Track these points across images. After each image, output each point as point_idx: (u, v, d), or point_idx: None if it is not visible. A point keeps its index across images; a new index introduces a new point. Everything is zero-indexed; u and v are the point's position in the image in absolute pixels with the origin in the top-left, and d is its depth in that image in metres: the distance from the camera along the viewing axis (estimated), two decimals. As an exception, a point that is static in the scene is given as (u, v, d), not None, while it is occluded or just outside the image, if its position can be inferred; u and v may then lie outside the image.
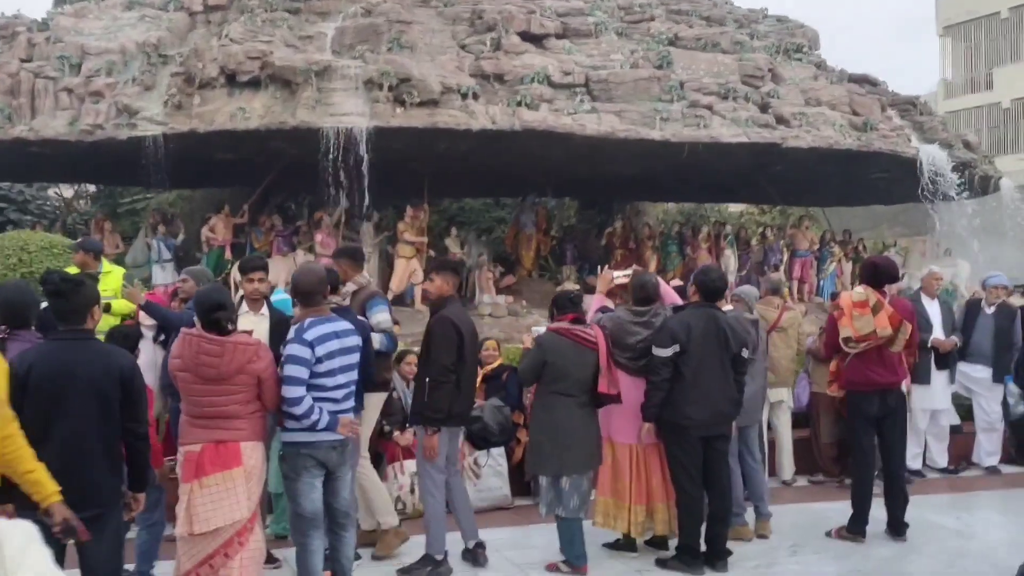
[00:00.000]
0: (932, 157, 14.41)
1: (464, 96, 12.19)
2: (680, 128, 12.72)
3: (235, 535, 4.47)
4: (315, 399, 4.60)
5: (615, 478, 5.83)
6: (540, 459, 5.59)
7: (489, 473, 7.26)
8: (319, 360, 4.62)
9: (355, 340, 4.83)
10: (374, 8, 13.31)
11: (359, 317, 5.48)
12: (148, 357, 6.02)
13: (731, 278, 16.31)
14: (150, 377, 5.48)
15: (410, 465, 7.02)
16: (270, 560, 5.47)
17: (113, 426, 3.91)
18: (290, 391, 4.53)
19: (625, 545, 6.05)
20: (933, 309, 8.24)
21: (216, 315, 4.51)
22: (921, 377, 7.96)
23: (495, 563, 5.82)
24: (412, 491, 6.96)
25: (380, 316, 5.71)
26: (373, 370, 5.33)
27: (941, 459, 8.59)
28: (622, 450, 5.82)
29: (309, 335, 4.62)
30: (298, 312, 4.87)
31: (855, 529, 6.38)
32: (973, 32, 33.27)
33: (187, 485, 4.44)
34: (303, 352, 4.57)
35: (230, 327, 4.54)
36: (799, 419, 8.11)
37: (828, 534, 6.48)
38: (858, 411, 6.48)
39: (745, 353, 5.71)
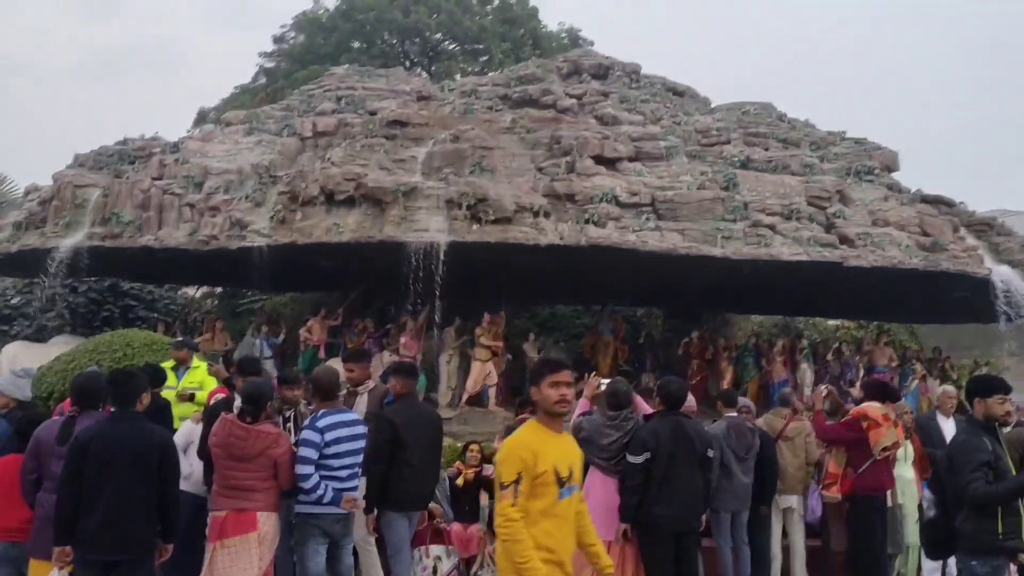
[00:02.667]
0: (1005, 277, 14.48)
1: (536, 214, 13.27)
2: (741, 246, 13.36)
3: (248, 590, 5.38)
4: (322, 477, 5.53)
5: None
6: None
7: (506, 561, 7.93)
8: (327, 444, 5.56)
9: (362, 429, 5.77)
10: (462, 135, 14.70)
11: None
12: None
13: (807, 391, 16.53)
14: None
15: (435, 549, 7.83)
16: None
17: (151, 488, 4.93)
18: (301, 469, 5.49)
19: None
20: (948, 426, 8.53)
21: (245, 407, 5.56)
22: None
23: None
24: (435, 572, 7.73)
25: None
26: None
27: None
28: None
29: (321, 423, 5.60)
30: (316, 404, 5.86)
31: None
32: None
33: (211, 544, 5.42)
34: (314, 437, 5.54)
35: (248, 420, 5.53)
36: (812, 529, 8.46)
37: None
38: (868, 512, 7.18)
39: (710, 453, 6.36)
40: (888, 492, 7.33)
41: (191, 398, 8.26)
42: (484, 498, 8.58)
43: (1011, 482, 5.18)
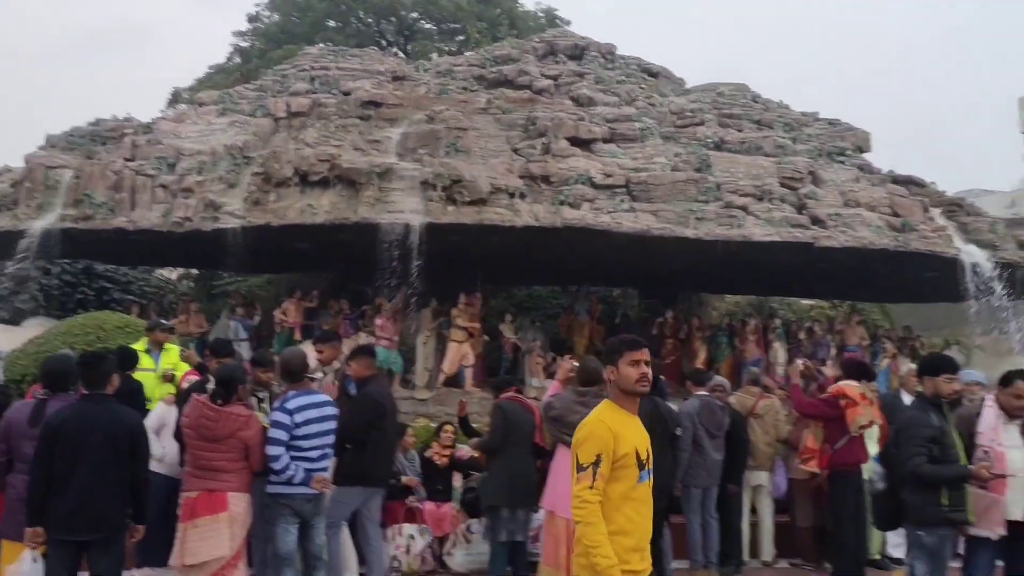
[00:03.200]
0: (974, 257, 14.69)
1: (511, 196, 13.33)
2: (713, 227, 13.49)
3: (220, 570, 5.46)
4: (293, 458, 5.59)
5: (556, 548, 6.39)
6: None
7: (479, 540, 8.04)
8: (297, 426, 5.62)
9: (331, 411, 5.82)
10: (436, 115, 14.70)
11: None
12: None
13: (779, 370, 16.72)
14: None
15: (408, 528, 7.92)
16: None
17: (122, 469, 4.96)
18: (271, 450, 5.54)
19: None
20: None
21: (216, 389, 5.60)
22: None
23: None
24: (408, 551, 7.82)
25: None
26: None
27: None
28: (561, 523, 6.30)
29: (290, 405, 5.65)
30: (285, 386, 5.90)
31: None
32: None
33: (183, 524, 5.47)
34: (284, 419, 5.59)
35: (219, 401, 5.58)
36: (778, 505, 8.63)
37: None
38: (845, 486, 7.46)
39: (679, 431, 6.48)
40: (863, 467, 7.51)
41: (171, 378, 8.29)
42: (457, 479, 8.68)
43: (951, 471, 5.37)
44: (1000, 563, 5.73)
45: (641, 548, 3.93)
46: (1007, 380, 5.83)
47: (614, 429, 3.91)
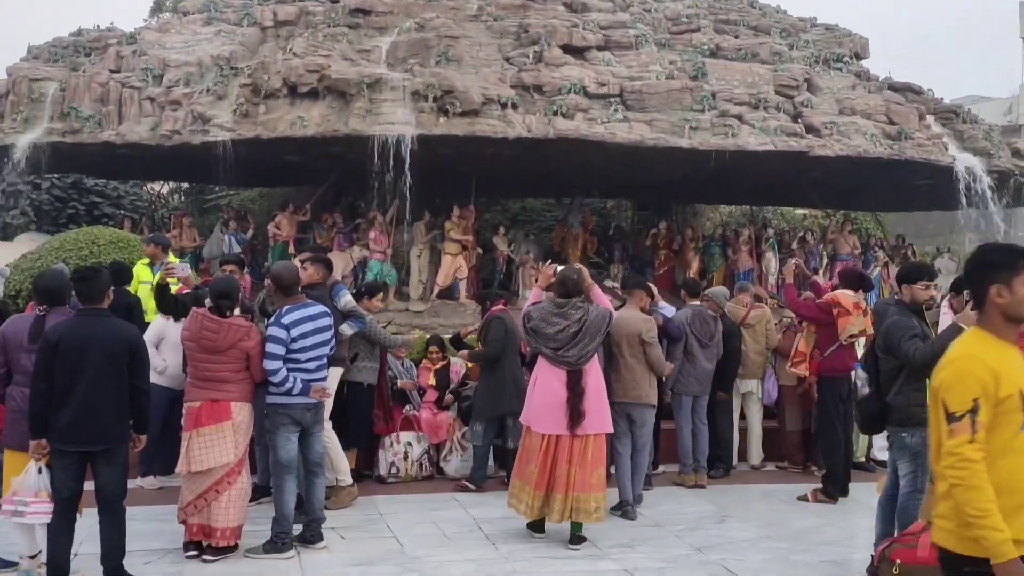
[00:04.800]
0: (968, 165, 14.66)
1: (503, 106, 13.14)
2: (708, 137, 13.38)
3: (224, 476, 5.61)
4: (291, 370, 5.68)
5: (527, 462, 6.35)
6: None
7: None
8: (294, 339, 5.69)
9: (327, 322, 5.90)
10: (427, 23, 14.38)
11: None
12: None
13: (772, 280, 16.86)
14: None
15: (405, 436, 8.10)
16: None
17: (122, 382, 5.03)
18: (269, 364, 5.64)
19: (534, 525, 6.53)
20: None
21: (219, 302, 5.66)
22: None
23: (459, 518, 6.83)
24: (405, 458, 8.01)
25: (345, 299, 6.77)
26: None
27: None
28: (536, 438, 6.28)
29: (286, 319, 5.71)
30: (279, 301, 5.95)
31: (830, 492, 7.48)
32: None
33: (187, 433, 5.60)
34: (280, 333, 5.67)
35: (228, 313, 5.65)
36: (767, 411, 8.83)
37: (803, 498, 7.51)
38: (833, 391, 7.71)
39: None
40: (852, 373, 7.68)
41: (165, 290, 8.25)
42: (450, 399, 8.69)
43: (944, 335, 5.51)
44: None
45: None
46: (959, 287, 6.17)
47: (992, 366, 3.10)
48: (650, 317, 7.32)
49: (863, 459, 8.81)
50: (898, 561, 5.01)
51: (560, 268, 6.60)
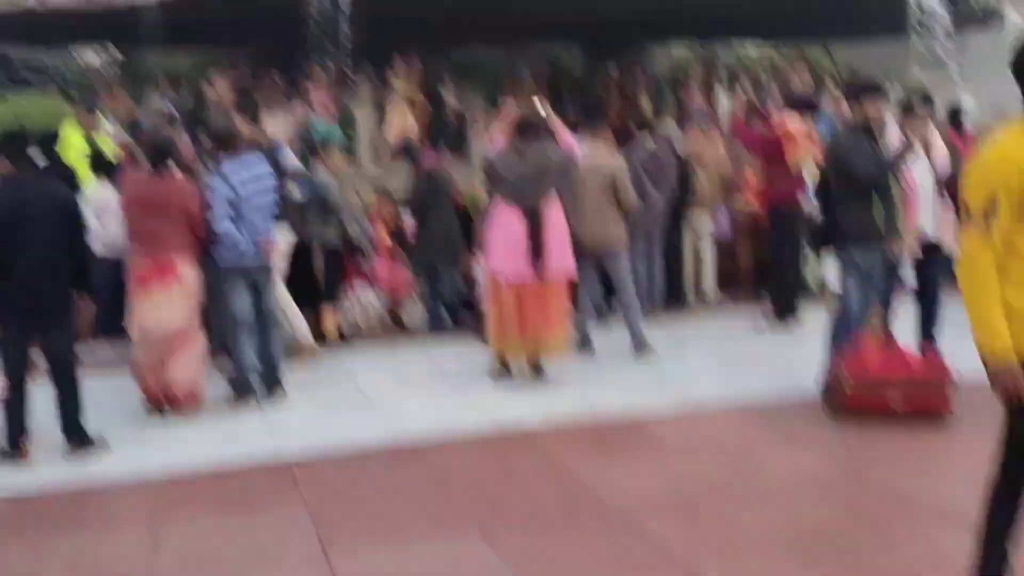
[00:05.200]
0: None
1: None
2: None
3: (177, 336, 5.56)
4: (237, 226, 5.57)
5: (500, 318, 6.32)
6: None
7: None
8: (238, 194, 5.55)
9: (267, 173, 5.77)
10: None
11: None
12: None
13: (723, 118, 16.72)
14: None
15: (364, 293, 8.13)
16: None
17: (63, 244, 4.91)
18: (220, 225, 5.54)
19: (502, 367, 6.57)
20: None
21: (155, 159, 5.49)
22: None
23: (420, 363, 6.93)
24: (366, 314, 8.05)
25: (288, 159, 6.64)
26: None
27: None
28: (502, 288, 6.26)
29: (229, 175, 5.55)
30: (219, 155, 5.77)
31: (781, 317, 7.83)
32: None
33: (135, 294, 5.52)
34: (222, 188, 5.51)
35: (165, 171, 5.49)
36: (723, 247, 8.92)
37: (757, 328, 7.83)
38: (784, 221, 7.83)
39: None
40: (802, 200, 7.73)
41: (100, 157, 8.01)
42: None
43: (894, 152, 5.72)
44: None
45: None
46: (910, 108, 6.36)
47: (1017, 158, 2.77)
48: (619, 155, 7.26)
49: (816, 289, 9.02)
50: (851, 381, 5.22)
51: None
